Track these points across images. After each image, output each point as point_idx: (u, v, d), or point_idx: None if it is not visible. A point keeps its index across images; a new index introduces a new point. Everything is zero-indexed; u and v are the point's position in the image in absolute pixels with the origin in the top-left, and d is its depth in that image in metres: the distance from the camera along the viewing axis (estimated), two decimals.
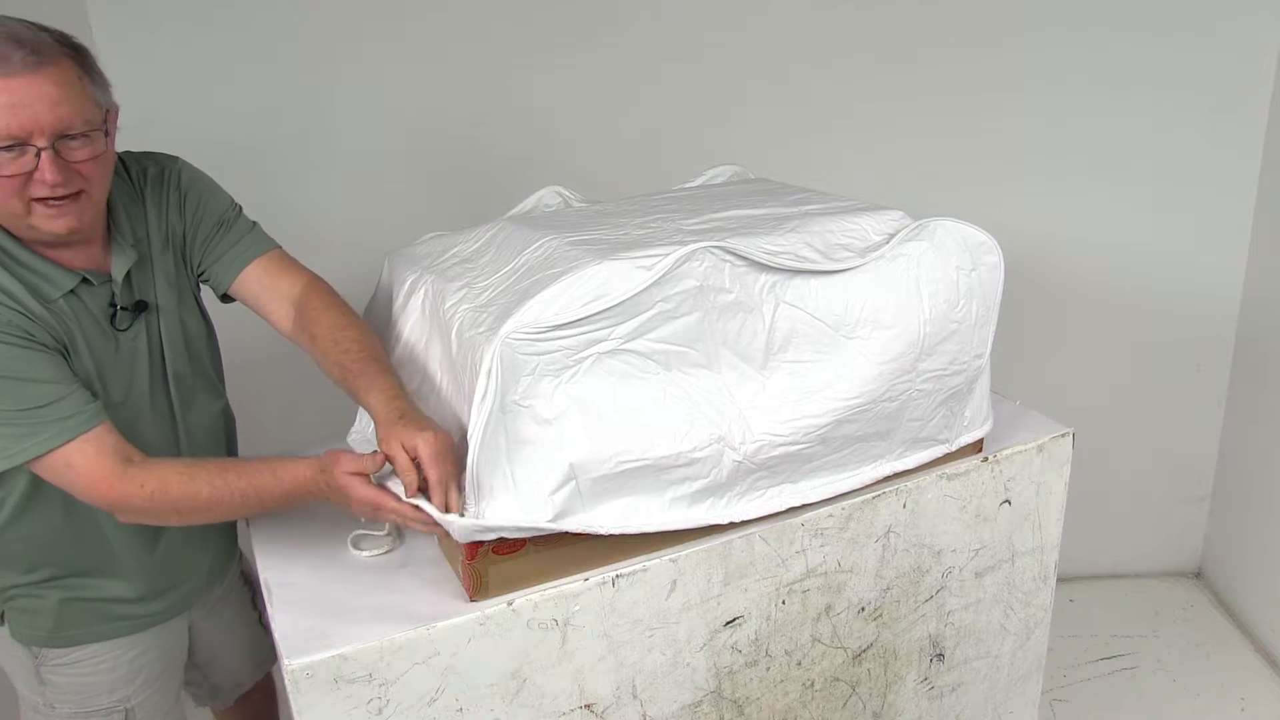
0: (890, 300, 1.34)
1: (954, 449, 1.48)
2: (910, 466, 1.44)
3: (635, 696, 1.30)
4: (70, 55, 1.17)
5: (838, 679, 1.48)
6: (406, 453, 1.14)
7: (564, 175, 1.83)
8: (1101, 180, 2.49)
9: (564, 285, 1.15)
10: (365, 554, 1.31)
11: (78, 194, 1.20)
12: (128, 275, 1.32)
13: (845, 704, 1.51)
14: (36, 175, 1.15)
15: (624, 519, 1.21)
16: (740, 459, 1.26)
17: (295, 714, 1.11)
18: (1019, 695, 1.73)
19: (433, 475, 1.13)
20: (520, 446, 1.14)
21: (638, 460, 1.19)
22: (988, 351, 1.46)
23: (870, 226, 1.39)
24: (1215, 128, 2.44)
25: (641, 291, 1.16)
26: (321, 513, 1.43)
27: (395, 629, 1.14)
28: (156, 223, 1.38)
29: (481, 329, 1.17)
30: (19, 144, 1.13)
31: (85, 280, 1.27)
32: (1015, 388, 1.73)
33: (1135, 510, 2.78)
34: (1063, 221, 2.52)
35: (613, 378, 1.17)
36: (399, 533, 1.35)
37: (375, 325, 1.51)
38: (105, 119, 1.22)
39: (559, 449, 1.15)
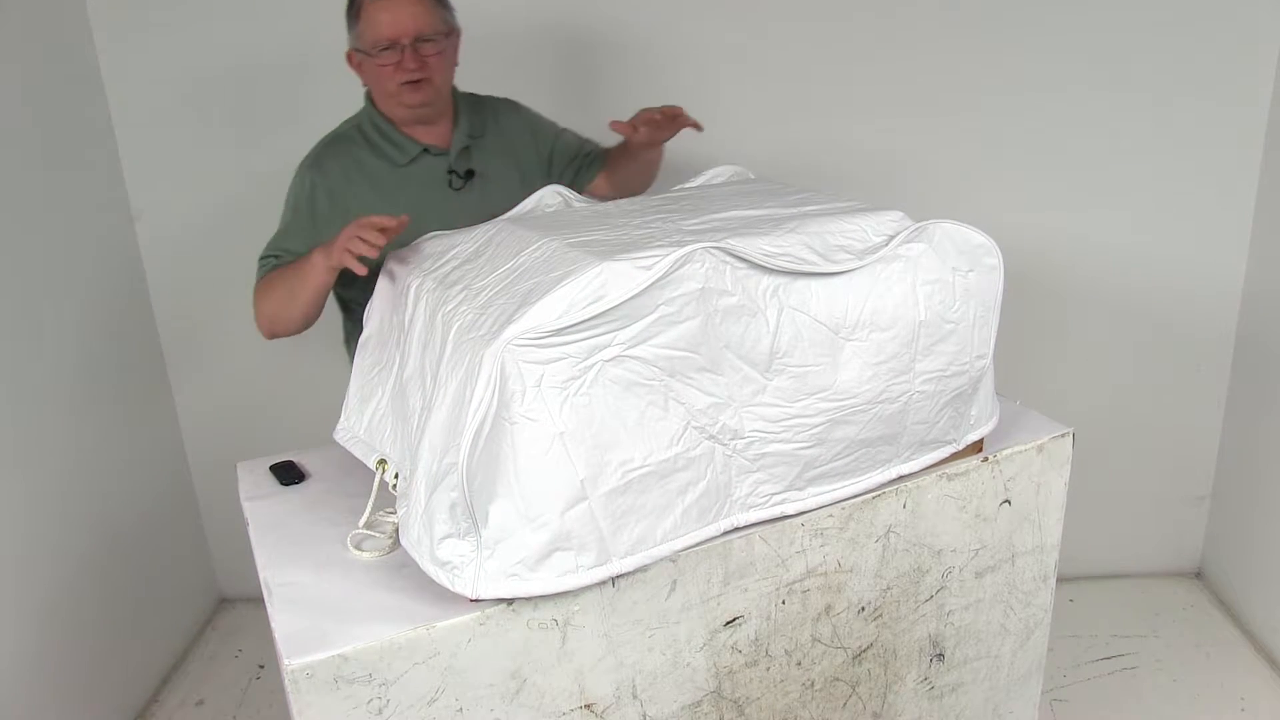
0: (887, 301, 1.34)
1: (961, 448, 1.49)
2: (919, 468, 1.44)
3: (635, 696, 1.30)
4: None
5: (838, 679, 1.48)
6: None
7: None
8: (1102, 180, 2.49)
9: (565, 290, 1.14)
10: (365, 554, 1.31)
11: (426, 80, 1.74)
12: (466, 154, 1.84)
13: (845, 704, 1.51)
14: (402, 63, 1.71)
15: (637, 546, 1.21)
16: (730, 454, 1.26)
17: (295, 714, 1.11)
18: (1019, 695, 1.73)
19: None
20: (528, 462, 1.13)
21: (640, 467, 1.18)
22: (990, 352, 1.46)
23: (870, 228, 1.39)
24: (1215, 128, 2.43)
25: (643, 294, 1.16)
26: (321, 512, 1.44)
27: (395, 629, 1.14)
28: (506, 139, 1.92)
29: (481, 332, 1.17)
30: (393, 44, 1.70)
31: (425, 151, 1.81)
32: (1015, 388, 1.73)
33: (1135, 510, 2.78)
34: (1063, 222, 2.52)
35: (618, 387, 1.16)
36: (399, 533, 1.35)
37: (375, 325, 1.51)
38: (449, 34, 1.78)
39: (568, 465, 1.14)
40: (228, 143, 2.47)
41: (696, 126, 1.80)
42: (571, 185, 1.91)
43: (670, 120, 1.78)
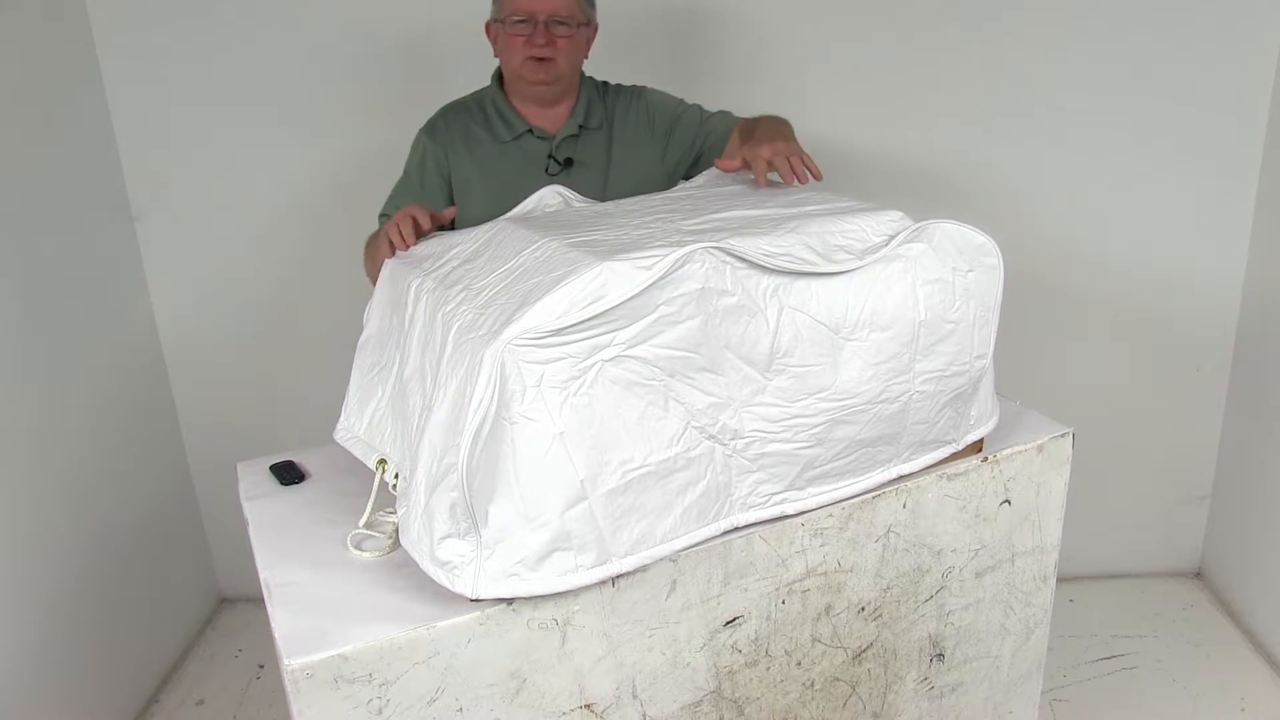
0: (887, 302, 1.34)
1: (961, 448, 1.49)
2: (919, 468, 1.44)
3: (635, 696, 1.30)
4: None
5: (838, 679, 1.48)
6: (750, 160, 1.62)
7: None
8: (1102, 180, 2.49)
9: (565, 290, 1.14)
10: (365, 554, 1.31)
11: (552, 60, 1.79)
12: (571, 142, 1.88)
13: (845, 704, 1.51)
14: (532, 38, 1.78)
15: (637, 546, 1.21)
16: (730, 454, 1.26)
17: (295, 714, 1.11)
18: (1019, 695, 1.73)
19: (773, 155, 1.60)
20: (528, 462, 1.13)
21: (640, 467, 1.18)
22: (990, 352, 1.46)
23: (869, 228, 1.39)
24: (1215, 129, 2.43)
25: (643, 294, 1.16)
26: (322, 512, 1.44)
27: (395, 629, 1.14)
28: (620, 130, 1.93)
29: (482, 332, 1.17)
30: (527, 20, 1.78)
31: (530, 131, 1.86)
32: (1015, 388, 1.73)
33: (1135, 510, 2.78)
34: (1063, 222, 2.52)
35: (618, 387, 1.16)
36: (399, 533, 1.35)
37: (375, 325, 1.51)
38: (584, 24, 1.84)
39: (568, 465, 1.14)
40: (228, 143, 2.47)
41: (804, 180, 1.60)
42: (694, 166, 1.95)
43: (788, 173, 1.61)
